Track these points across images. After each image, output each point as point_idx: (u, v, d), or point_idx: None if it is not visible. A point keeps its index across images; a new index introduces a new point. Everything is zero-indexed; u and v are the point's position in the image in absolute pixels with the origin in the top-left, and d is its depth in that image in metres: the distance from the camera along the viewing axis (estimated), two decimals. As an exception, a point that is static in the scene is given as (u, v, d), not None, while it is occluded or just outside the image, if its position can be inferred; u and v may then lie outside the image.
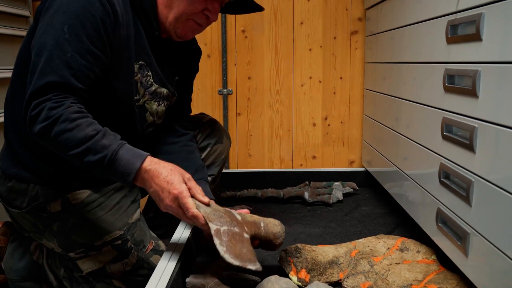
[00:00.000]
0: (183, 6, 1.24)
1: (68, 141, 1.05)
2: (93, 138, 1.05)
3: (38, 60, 1.08)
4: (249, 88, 2.24)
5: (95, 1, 1.11)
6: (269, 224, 1.22)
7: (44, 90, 1.06)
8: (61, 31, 1.08)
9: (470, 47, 1.03)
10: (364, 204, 1.93)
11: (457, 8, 1.10)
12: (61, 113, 1.05)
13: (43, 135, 1.07)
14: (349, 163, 2.30)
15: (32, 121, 1.07)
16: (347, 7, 2.20)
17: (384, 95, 1.85)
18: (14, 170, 1.26)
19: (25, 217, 1.29)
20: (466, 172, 1.05)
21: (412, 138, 1.47)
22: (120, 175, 1.07)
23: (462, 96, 1.08)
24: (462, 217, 1.07)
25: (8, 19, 1.84)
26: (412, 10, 1.49)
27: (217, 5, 1.28)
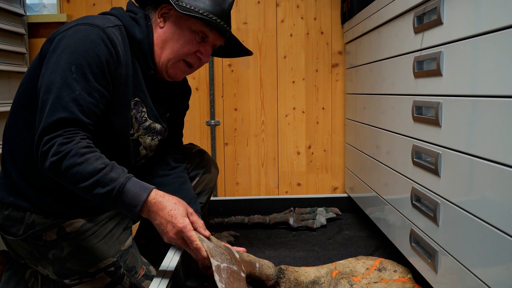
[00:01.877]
0: (177, 48, 1.33)
1: (77, 174, 1.10)
2: (102, 171, 1.11)
3: (48, 98, 1.15)
4: (235, 119, 2.34)
5: (100, 43, 1.19)
6: (263, 265, 1.28)
7: (55, 126, 1.13)
8: (69, 71, 1.15)
9: (433, 81, 1.14)
10: (346, 228, 2.02)
11: (421, 46, 1.22)
12: (70, 148, 1.11)
13: (53, 170, 1.12)
14: (333, 189, 2.39)
15: (44, 156, 1.13)
16: (327, 42, 2.32)
17: (364, 125, 1.95)
18: (11, 198, 1.31)
19: (21, 244, 1.35)
20: (433, 195, 1.15)
21: (390, 166, 1.57)
22: (127, 207, 1.13)
23: (428, 125, 1.18)
24: (431, 236, 1.16)
25: (5, 55, 1.94)
26: (386, 45, 1.60)
27: (209, 48, 1.37)
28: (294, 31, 2.32)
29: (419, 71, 1.23)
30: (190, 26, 1.32)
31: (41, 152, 1.13)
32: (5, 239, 1.38)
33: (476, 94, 0.95)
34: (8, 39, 1.95)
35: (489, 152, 0.90)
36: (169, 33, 1.33)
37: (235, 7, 2.29)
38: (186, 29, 1.32)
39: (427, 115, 1.21)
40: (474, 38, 0.95)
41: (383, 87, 1.65)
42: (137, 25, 1.32)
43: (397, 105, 1.45)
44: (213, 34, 1.35)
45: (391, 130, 1.53)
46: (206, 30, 1.33)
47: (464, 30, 0.99)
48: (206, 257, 1.13)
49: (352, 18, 2.07)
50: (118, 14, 1.33)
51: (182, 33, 1.33)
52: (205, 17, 1.29)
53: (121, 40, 1.26)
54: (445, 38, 1.07)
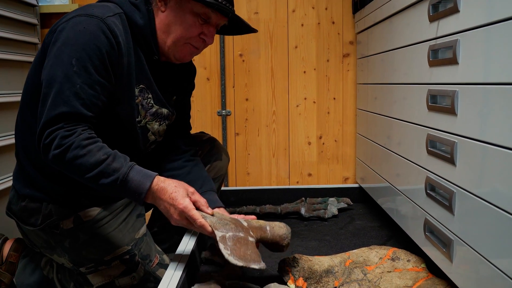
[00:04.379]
0: (180, 32, 1.32)
1: (81, 166, 1.13)
2: (104, 162, 1.14)
3: (49, 92, 1.16)
4: (246, 109, 2.34)
5: (100, 34, 1.19)
6: (274, 227, 1.31)
7: (56, 120, 1.15)
8: (70, 64, 1.16)
9: (449, 70, 1.13)
10: (358, 219, 2.02)
11: (437, 34, 1.21)
12: (73, 140, 1.13)
13: (57, 162, 1.15)
14: (344, 179, 2.39)
15: (46, 149, 1.15)
16: (339, 32, 2.31)
17: (376, 114, 1.95)
18: (27, 190, 1.34)
19: (38, 234, 1.36)
20: (449, 184, 1.14)
21: (402, 155, 1.56)
22: (132, 195, 1.17)
23: (443, 114, 1.18)
24: (446, 225, 1.16)
25: (18, 45, 1.95)
26: (399, 35, 1.59)
27: (212, 29, 1.36)
28: (305, 21, 2.31)
29: (434, 60, 1.23)
30: (192, 8, 1.31)
31: (43, 145, 1.15)
32: (22, 229, 1.40)
33: (493, 81, 0.94)
34: (20, 29, 1.96)
35: (506, 140, 0.89)
36: (171, 17, 1.32)
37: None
38: (188, 12, 1.31)
39: (442, 103, 1.20)
40: (491, 26, 0.94)
41: (396, 76, 1.64)
42: (137, 11, 1.31)
43: (411, 94, 1.44)
44: (216, 14, 1.33)
45: (404, 119, 1.53)
46: (208, 12, 1.31)
47: (481, 18, 0.98)
48: (211, 231, 1.16)
49: (364, 7, 2.06)
50: (117, 1, 1.31)
51: (184, 16, 1.31)
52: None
53: (122, 28, 1.25)
54: (461, 26, 1.06)
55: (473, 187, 1.03)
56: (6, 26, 1.84)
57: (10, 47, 1.88)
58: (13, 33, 1.89)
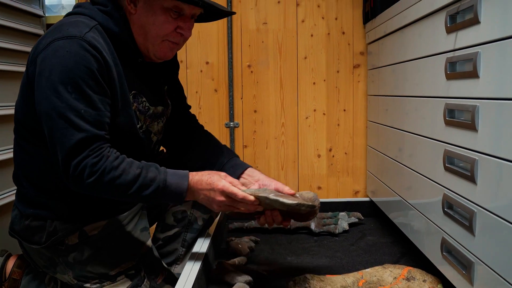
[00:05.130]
0: (155, 31, 1.28)
1: (121, 186, 1.17)
2: (141, 176, 1.18)
3: (55, 124, 1.15)
4: (255, 121, 2.30)
5: (85, 54, 1.16)
6: (302, 193, 1.38)
7: (77, 148, 1.14)
8: (67, 93, 1.14)
9: (468, 83, 1.09)
10: (369, 234, 1.96)
11: (455, 46, 1.16)
12: (104, 165, 1.16)
13: (93, 189, 1.18)
14: (354, 193, 2.34)
15: (78, 180, 1.16)
16: (349, 42, 2.27)
17: (387, 127, 1.90)
18: (30, 210, 1.31)
19: (41, 252, 1.33)
20: (468, 203, 1.09)
21: (415, 169, 1.51)
22: (173, 198, 1.23)
23: (462, 129, 1.13)
24: (466, 246, 1.11)
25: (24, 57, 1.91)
26: (412, 46, 1.55)
27: (188, 21, 1.32)
28: (314, 31, 2.27)
29: (452, 73, 1.18)
30: (162, 4, 1.27)
31: (73, 177, 1.16)
32: (24, 248, 1.37)
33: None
34: (27, 40, 1.93)
35: (534, 159, 0.84)
36: (143, 18, 1.28)
37: (254, 6, 2.25)
38: (158, 9, 1.27)
39: (460, 118, 1.16)
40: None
41: (408, 88, 1.60)
42: (110, 18, 1.28)
43: (426, 107, 1.40)
44: (187, 6, 1.29)
45: (418, 133, 1.48)
46: (179, 4, 1.27)
47: (504, 30, 0.93)
48: (254, 200, 1.24)
49: (375, 18, 2.02)
50: (88, 12, 1.28)
51: (156, 15, 1.27)
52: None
53: (102, 41, 1.22)
54: (482, 38, 1.02)
55: (496, 207, 0.98)
56: (12, 37, 1.82)
57: (16, 58, 1.85)
58: (19, 44, 1.86)
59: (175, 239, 1.53)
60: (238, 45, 2.27)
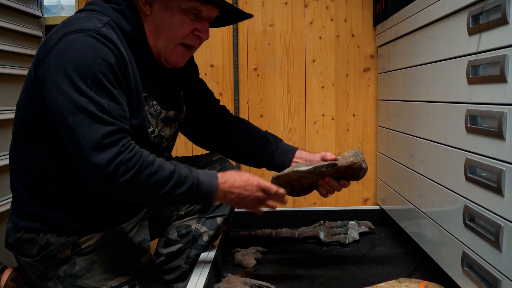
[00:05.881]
0: (172, 33, 1.24)
1: (157, 183, 1.11)
2: (175, 172, 1.13)
3: (76, 121, 1.06)
4: (261, 126, 2.21)
5: (102, 47, 1.10)
6: (344, 154, 1.42)
7: (106, 143, 1.06)
8: (86, 87, 1.07)
9: (494, 88, 1.02)
10: (380, 244, 1.89)
11: (478, 49, 1.09)
12: (141, 160, 1.09)
13: (127, 188, 1.09)
14: (363, 201, 2.26)
15: (111, 179, 1.07)
16: (358, 45, 2.20)
17: (398, 133, 1.83)
18: (23, 222, 1.24)
19: (33, 265, 1.26)
20: (494, 216, 1.02)
21: (429, 177, 1.44)
22: (203, 197, 1.19)
23: (486, 137, 1.05)
24: (491, 262, 1.03)
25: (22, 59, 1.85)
26: (426, 49, 1.48)
27: (205, 23, 1.28)
28: (323, 34, 2.20)
29: (475, 77, 1.11)
30: (180, 5, 1.22)
31: (104, 175, 1.07)
32: (19, 261, 1.30)
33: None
34: (24, 42, 1.86)
35: None
36: (159, 19, 1.23)
37: (261, 7, 2.19)
38: (175, 10, 1.22)
39: (483, 125, 1.09)
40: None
41: (422, 93, 1.53)
42: (123, 17, 1.22)
43: (444, 113, 1.32)
44: (206, 7, 1.25)
45: (434, 140, 1.40)
46: (197, 5, 1.23)
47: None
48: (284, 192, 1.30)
49: (387, 19, 1.95)
50: (100, 9, 1.22)
51: (173, 16, 1.23)
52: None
53: (116, 36, 1.16)
54: (511, 39, 0.94)
55: (526, 222, 0.91)
56: (9, 38, 1.75)
57: (13, 60, 1.78)
58: (17, 46, 1.80)
59: (179, 256, 1.45)
60: (244, 48, 2.21)
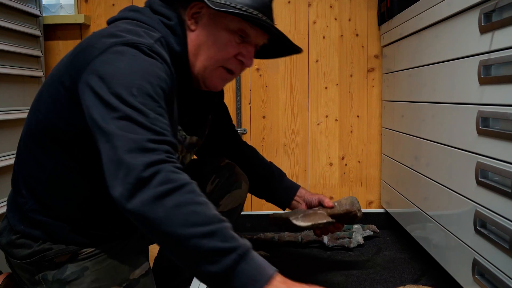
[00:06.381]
0: (213, 52, 1.15)
1: (193, 215, 0.84)
2: (223, 223, 0.85)
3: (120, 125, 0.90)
4: (263, 128, 2.19)
5: (155, 62, 1.00)
6: (341, 200, 1.46)
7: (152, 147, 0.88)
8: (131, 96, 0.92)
9: (508, 89, 0.97)
10: (386, 248, 1.85)
11: (490, 48, 1.05)
12: (186, 181, 0.87)
13: (157, 202, 0.84)
14: (368, 203, 2.22)
15: (144, 184, 0.85)
16: (363, 45, 2.16)
17: (403, 134, 1.79)
18: (22, 227, 1.16)
19: (24, 267, 1.20)
20: (508, 223, 0.98)
21: (439, 181, 1.40)
22: (245, 278, 0.83)
23: (499, 140, 1.01)
24: (505, 270, 0.99)
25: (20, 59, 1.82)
26: (433, 48, 1.44)
27: (251, 49, 1.18)
28: (327, 33, 2.16)
29: (487, 77, 1.07)
30: (227, 25, 1.13)
31: (137, 179, 0.85)
32: (10, 262, 1.24)
33: None
34: (22, 41, 1.83)
35: None
36: (203, 37, 1.14)
37: (263, 7, 2.14)
38: (222, 29, 1.14)
39: (495, 127, 1.04)
40: None
41: (429, 94, 1.49)
42: (173, 35, 1.13)
43: (453, 114, 1.28)
44: (255, 31, 1.15)
45: (443, 142, 1.36)
46: (247, 28, 1.14)
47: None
48: None
49: (392, 19, 1.91)
50: (149, 22, 1.12)
51: (218, 35, 1.14)
52: (245, 12, 1.10)
53: (166, 56, 1.07)
54: (527, 38, 0.90)
55: (542, 229, 0.87)
56: (6, 38, 1.71)
57: (11, 60, 1.74)
58: (14, 45, 1.76)
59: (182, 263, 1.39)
60: (246, 48, 2.16)
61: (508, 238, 0.97)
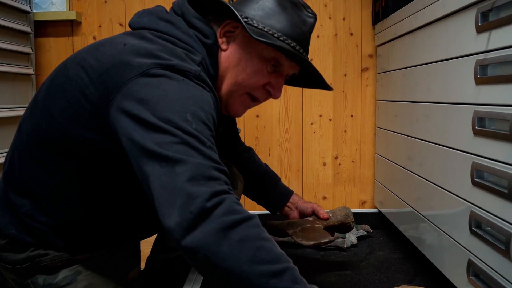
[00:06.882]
0: (242, 78, 1.08)
1: (261, 251, 0.77)
2: (291, 263, 0.80)
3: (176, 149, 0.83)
4: (257, 127, 2.17)
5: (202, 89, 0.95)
6: (335, 212, 1.48)
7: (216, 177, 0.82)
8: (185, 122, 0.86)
9: (506, 89, 0.97)
10: (379, 249, 1.84)
11: (487, 47, 1.04)
12: (250, 214, 0.80)
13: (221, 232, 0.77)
14: (361, 203, 2.21)
15: (207, 214, 0.78)
16: (357, 44, 2.15)
17: (397, 134, 1.79)
18: (13, 231, 1.08)
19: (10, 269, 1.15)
20: (504, 223, 0.97)
21: (433, 181, 1.40)
22: None
23: (496, 140, 1.01)
24: (501, 272, 0.98)
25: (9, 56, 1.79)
26: (428, 48, 1.43)
27: (281, 80, 1.12)
28: (321, 32, 2.15)
29: (484, 77, 1.06)
30: (261, 52, 1.07)
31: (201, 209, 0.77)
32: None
33: None
34: (12, 38, 1.80)
35: None
36: (234, 60, 1.08)
37: (257, 6, 2.13)
38: (255, 55, 1.07)
39: (491, 128, 1.04)
40: None
41: (423, 94, 1.48)
42: (210, 57, 1.06)
43: (449, 115, 1.27)
44: (289, 62, 1.10)
45: (437, 142, 1.36)
46: (281, 58, 1.08)
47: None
48: None
49: (386, 18, 1.90)
50: (187, 40, 1.03)
51: (251, 61, 1.07)
52: (283, 43, 1.04)
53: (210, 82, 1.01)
54: (524, 37, 0.90)
55: (539, 230, 0.86)
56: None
57: (0, 57, 1.72)
58: (4, 42, 1.73)
59: (177, 262, 1.38)
60: (239, 46, 2.15)
61: (504, 239, 0.96)
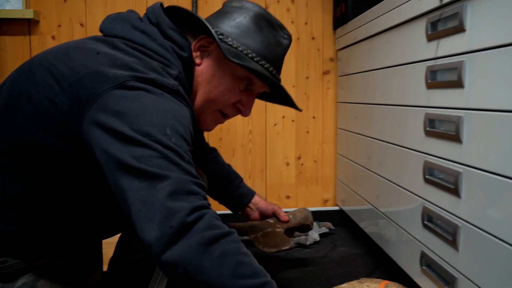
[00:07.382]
0: (214, 95, 1.09)
1: (241, 266, 0.78)
2: (269, 277, 0.81)
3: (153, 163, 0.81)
4: (221, 128, 2.22)
5: (180, 104, 0.94)
6: (295, 214, 1.54)
7: (195, 192, 0.82)
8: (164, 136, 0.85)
9: (452, 93, 1.05)
10: (341, 245, 1.92)
11: (436, 54, 1.12)
12: (229, 230, 0.80)
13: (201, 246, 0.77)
14: (323, 202, 2.29)
15: (187, 229, 0.78)
16: (319, 48, 2.23)
17: (357, 134, 1.87)
18: None
19: None
20: (452, 217, 1.05)
21: (390, 179, 1.47)
22: None
23: (445, 141, 1.09)
24: (449, 261, 1.07)
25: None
26: (384, 53, 1.51)
27: (252, 98, 1.15)
28: (284, 37, 2.21)
29: (433, 82, 1.14)
30: (235, 70, 1.08)
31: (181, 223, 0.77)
32: None
33: (506, 108, 0.86)
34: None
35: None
36: (207, 76, 1.08)
37: (222, 10, 2.18)
38: (228, 73, 1.08)
39: (441, 129, 1.12)
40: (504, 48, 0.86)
41: (379, 96, 1.56)
42: (185, 71, 1.06)
43: (403, 116, 1.36)
44: (261, 82, 1.12)
45: (394, 142, 1.44)
46: (254, 78, 1.10)
47: (492, 38, 0.90)
48: None
49: (346, 24, 1.98)
50: (163, 53, 1.01)
51: (224, 78, 1.08)
52: (257, 64, 1.06)
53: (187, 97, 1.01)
54: (468, 46, 0.98)
55: (482, 222, 0.94)
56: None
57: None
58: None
59: (140, 264, 1.37)
60: (204, 49, 2.19)
61: (452, 231, 1.04)
